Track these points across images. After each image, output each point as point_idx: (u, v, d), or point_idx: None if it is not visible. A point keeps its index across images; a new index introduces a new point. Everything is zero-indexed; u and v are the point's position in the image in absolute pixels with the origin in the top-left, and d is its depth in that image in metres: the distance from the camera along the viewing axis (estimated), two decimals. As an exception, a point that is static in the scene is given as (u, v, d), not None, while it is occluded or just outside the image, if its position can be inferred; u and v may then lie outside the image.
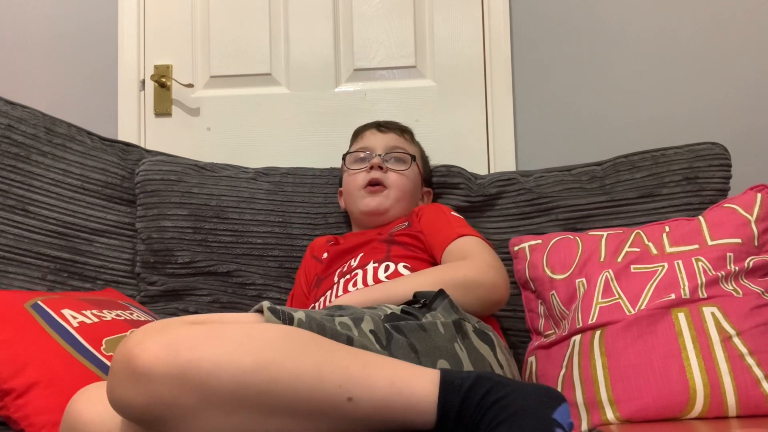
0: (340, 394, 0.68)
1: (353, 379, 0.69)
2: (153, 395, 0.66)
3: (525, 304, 1.36)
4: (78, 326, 1.12)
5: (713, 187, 1.40)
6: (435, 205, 1.36)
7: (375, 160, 1.37)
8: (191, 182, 1.52)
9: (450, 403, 0.69)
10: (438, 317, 0.91)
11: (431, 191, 1.50)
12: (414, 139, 1.50)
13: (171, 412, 0.66)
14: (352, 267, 1.24)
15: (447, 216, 1.29)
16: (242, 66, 1.84)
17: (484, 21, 1.79)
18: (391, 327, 0.85)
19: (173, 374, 0.65)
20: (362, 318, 0.84)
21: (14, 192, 1.37)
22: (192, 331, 0.69)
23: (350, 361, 0.71)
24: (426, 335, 0.86)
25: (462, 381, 0.70)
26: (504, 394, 0.68)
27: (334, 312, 0.86)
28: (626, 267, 1.19)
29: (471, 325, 0.94)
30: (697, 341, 1.05)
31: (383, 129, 1.45)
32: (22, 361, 1.04)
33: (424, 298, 0.97)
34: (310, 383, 0.68)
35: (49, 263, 1.38)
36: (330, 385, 0.68)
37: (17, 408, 1.01)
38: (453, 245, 1.18)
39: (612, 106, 1.75)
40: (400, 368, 0.72)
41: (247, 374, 0.66)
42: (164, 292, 1.46)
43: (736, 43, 1.72)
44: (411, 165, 1.40)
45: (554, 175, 1.50)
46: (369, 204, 1.36)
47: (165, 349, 0.66)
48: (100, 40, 1.86)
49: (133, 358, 0.66)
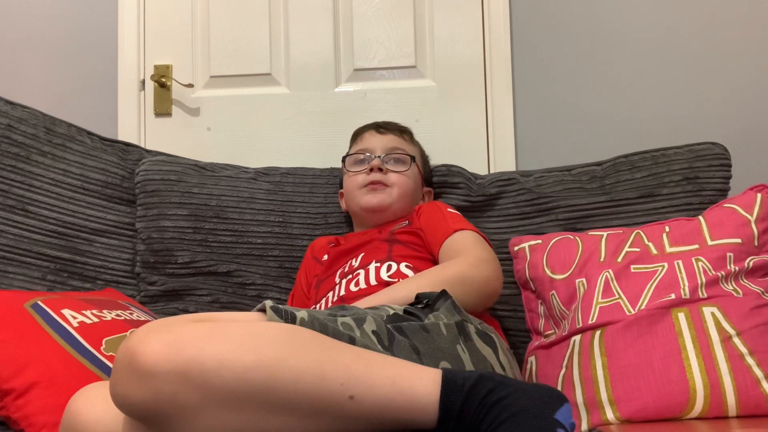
0: (342, 393, 0.68)
1: (355, 377, 0.69)
2: (156, 392, 0.66)
3: (525, 304, 1.36)
4: (78, 326, 1.12)
5: (713, 187, 1.40)
6: (433, 203, 1.37)
7: (375, 162, 1.37)
8: (191, 182, 1.52)
9: (452, 403, 0.69)
10: (441, 318, 0.91)
11: (432, 191, 1.50)
12: (413, 140, 1.50)
13: (173, 410, 0.67)
14: (354, 267, 1.24)
15: (443, 212, 1.29)
16: (242, 66, 1.84)
17: (484, 21, 1.79)
18: (393, 328, 0.85)
19: (176, 371, 0.66)
20: (365, 318, 0.84)
21: (14, 192, 1.37)
22: (195, 328, 0.69)
23: (352, 360, 0.71)
24: (428, 336, 0.86)
25: (464, 380, 0.70)
26: (506, 394, 0.68)
27: (336, 312, 0.86)
28: (626, 267, 1.19)
29: (474, 327, 0.94)
30: (697, 341, 1.05)
31: (382, 130, 1.45)
32: (22, 361, 1.04)
33: (427, 298, 0.97)
34: (312, 381, 0.68)
35: (49, 263, 1.38)
36: (332, 383, 0.68)
37: (17, 408, 1.01)
38: (448, 242, 1.20)
39: (612, 106, 1.75)
40: (402, 367, 0.72)
41: (250, 372, 0.66)
42: (164, 292, 1.46)
43: (736, 43, 1.72)
44: (411, 165, 1.40)
45: (554, 175, 1.50)
46: (370, 201, 1.36)
47: (168, 347, 0.66)
48: (100, 40, 1.86)
49: (136, 355, 0.67)
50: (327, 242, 1.41)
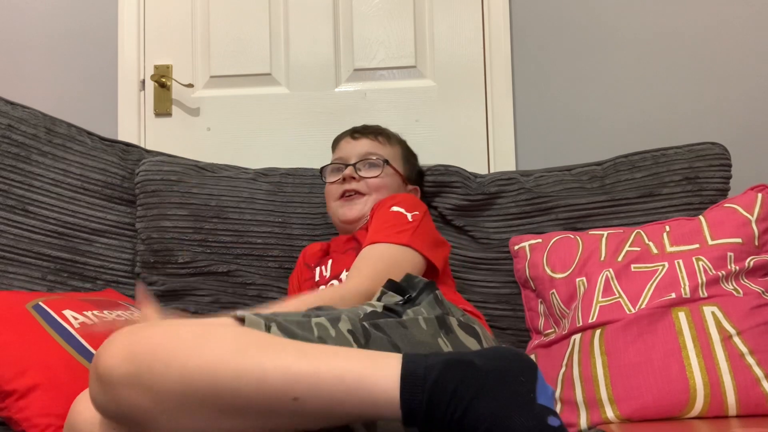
0: (284, 394, 0.66)
1: (297, 377, 0.66)
2: (114, 398, 0.67)
3: (525, 303, 1.36)
4: (79, 327, 1.12)
5: (713, 187, 1.40)
6: (382, 201, 1.29)
7: (347, 171, 1.36)
8: (191, 182, 1.52)
9: (415, 402, 0.64)
10: (421, 312, 0.90)
11: (418, 188, 1.48)
12: (391, 140, 1.45)
13: (134, 415, 0.68)
14: (324, 276, 1.25)
15: (385, 215, 1.23)
16: (242, 66, 1.84)
17: (484, 21, 1.79)
18: (370, 325, 0.83)
19: (129, 375, 0.67)
20: (339, 318, 0.83)
21: (14, 192, 1.37)
22: (151, 332, 0.70)
23: (296, 358, 0.67)
24: (407, 332, 0.85)
25: (426, 372, 0.65)
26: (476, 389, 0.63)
27: (310, 312, 0.85)
28: (626, 266, 1.19)
29: (456, 320, 0.93)
30: (698, 340, 1.05)
31: (356, 136, 1.43)
32: (24, 362, 1.04)
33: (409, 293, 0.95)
34: (253, 383, 0.66)
35: (49, 263, 1.38)
36: (274, 383, 0.66)
37: (19, 409, 1.01)
38: (360, 254, 1.17)
39: (612, 106, 1.75)
40: (355, 361, 0.68)
41: (193, 375, 0.66)
42: (164, 292, 1.46)
43: (736, 43, 1.72)
44: (384, 168, 1.38)
45: (554, 175, 1.50)
46: (347, 214, 1.35)
47: (122, 352, 0.68)
48: (100, 40, 1.86)
49: (97, 361, 0.68)
50: (319, 248, 1.41)
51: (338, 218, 1.38)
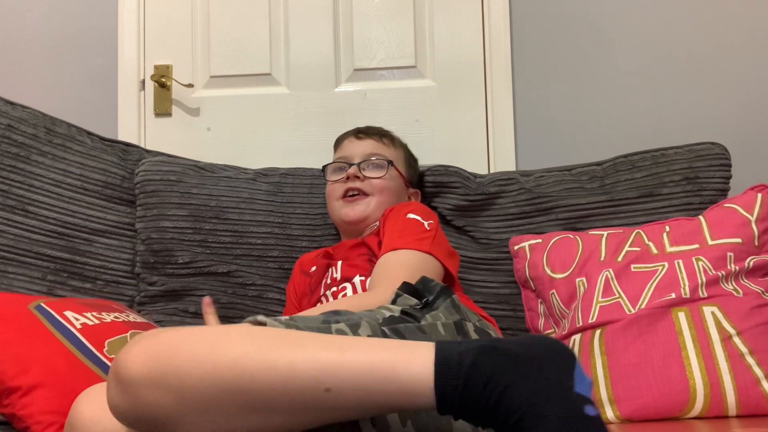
0: (316, 386, 0.65)
1: (329, 368, 0.65)
2: (136, 400, 0.67)
3: (525, 303, 1.36)
4: (81, 327, 1.13)
5: (713, 187, 1.40)
6: (398, 207, 1.30)
7: (351, 170, 1.35)
8: (191, 182, 1.52)
9: (450, 387, 0.63)
10: (439, 318, 0.91)
11: (419, 192, 1.48)
12: (395, 143, 1.46)
13: (157, 417, 0.67)
14: (336, 279, 1.24)
15: (401, 221, 1.23)
16: (242, 66, 1.84)
17: (484, 21, 1.79)
18: (389, 330, 0.83)
19: (152, 378, 0.66)
20: (359, 323, 0.82)
21: (14, 192, 1.37)
22: (172, 333, 0.69)
23: (325, 349, 0.66)
24: (425, 337, 0.85)
25: (460, 358, 0.63)
26: (510, 378, 0.62)
27: (330, 318, 0.85)
28: (626, 266, 1.19)
29: (472, 325, 0.94)
30: (698, 340, 1.05)
31: (361, 136, 1.43)
32: (27, 360, 1.04)
33: (425, 296, 0.96)
34: (283, 376, 0.65)
35: (49, 263, 1.38)
36: (304, 376, 0.65)
37: (23, 406, 1.01)
38: (380, 261, 1.16)
39: (612, 105, 1.75)
40: (386, 350, 0.66)
41: (220, 372, 0.66)
42: (164, 293, 1.46)
43: (736, 43, 1.72)
44: (388, 170, 1.38)
45: (554, 175, 1.50)
46: (349, 214, 1.35)
47: (145, 354, 0.67)
48: (100, 40, 1.86)
49: (119, 364, 0.68)
50: (316, 255, 1.40)
51: (339, 218, 1.37)
